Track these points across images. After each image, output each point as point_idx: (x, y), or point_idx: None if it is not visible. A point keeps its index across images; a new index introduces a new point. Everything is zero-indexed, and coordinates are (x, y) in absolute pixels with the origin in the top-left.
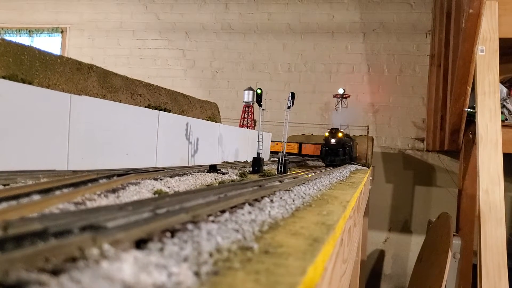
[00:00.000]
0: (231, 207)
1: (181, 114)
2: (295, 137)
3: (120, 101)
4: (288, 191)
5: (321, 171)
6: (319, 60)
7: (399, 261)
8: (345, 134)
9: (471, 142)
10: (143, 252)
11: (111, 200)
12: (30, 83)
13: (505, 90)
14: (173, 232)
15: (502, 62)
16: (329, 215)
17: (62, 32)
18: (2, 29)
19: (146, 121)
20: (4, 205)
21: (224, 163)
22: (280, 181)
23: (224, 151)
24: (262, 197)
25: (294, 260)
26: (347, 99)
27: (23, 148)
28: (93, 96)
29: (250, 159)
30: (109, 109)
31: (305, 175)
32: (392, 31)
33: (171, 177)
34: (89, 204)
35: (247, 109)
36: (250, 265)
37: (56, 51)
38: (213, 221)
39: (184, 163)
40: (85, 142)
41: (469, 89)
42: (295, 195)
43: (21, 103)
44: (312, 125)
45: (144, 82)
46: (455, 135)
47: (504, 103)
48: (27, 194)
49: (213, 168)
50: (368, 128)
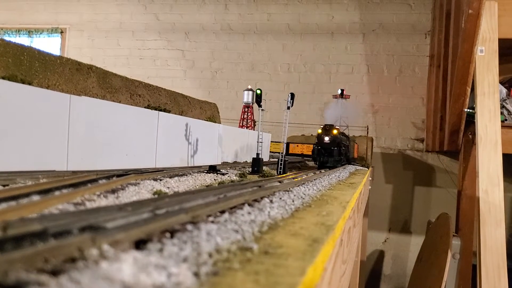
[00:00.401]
0: (231, 208)
1: (181, 115)
2: (294, 137)
3: (120, 102)
4: (288, 191)
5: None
6: (318, 61)
7: (399, 261)
8: (341, 132)
9: (471, 142)
10: (143, 253)
11: (110, 200)
12: (30, 83)
13: (504, 90)
14: (172, 233)
15: (501, 62)
16: (328, 215)
17: (61, 32)
18: (2, 29)
19: (146, 121)
20: (4, 205)
21: (224, 163)
22: (280, 182)
23: (223, 151)
24: (262, 198)
25: (293, 260)
26: (347, 99)
27: (22, 149)
28: (93, 97)
29: (250, 160)
30: (108, 110)
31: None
32: (391, 31)
33: (170, 177)
34: (89, 205)
35: (246, 109)
36: (249, 266)
37: (56, 51)
38: (212, 222)
39: (184, 164)
40: (84, 143)
41: (469, 89)
42: (294, 195)
43: (21, 103)
44: (312, 126)
45: (144, 82)
46: (454, 135)
47: (504, 103)
48: (27, 195)
49: (212, 169)
50: (367, 129)
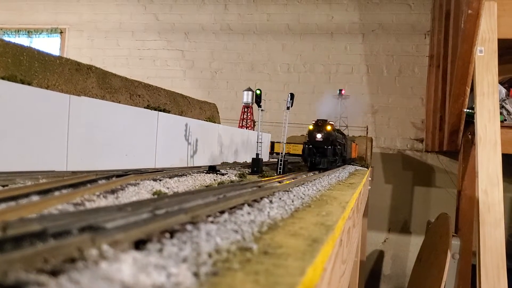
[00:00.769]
0: (230, 208)
1: (181, 115)
2: (294, 137)
3: (119, 102)
4: (287, 191)
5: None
6: (318, 61)
7: (398, 261)
8: (336, 129)
9: (470, 142)
10: (142, 253)
11: (110, 201)
12: (29, 83)
13: (504, 90)
14: (172, 233)
15: (501, 62)
16: (328, 215)
17: (61, 32)
18: (1, 29)
19: (145, 122)
20: (3, 206)
21: (223, 163)
22: (279, 182)
23: (223, 151)
24: (261, 198)
25: (293, 260)
26: (347, 99)
27: (22, 149)
28: (92, 97)
29: (249, 160)
30: (108, 110)
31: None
32: (391, 32)
33: (170, 178)
34: (88, 205)
35: (246, 109)
36: (249, 266)
37: (55, 51)
38: (212, 222)
39: (183, 164)
40: (84, 143)
41: (468, 89)
42: (294, 195)
43: (20, 104)
44: None
45: (143, 82)
46: (454, 135)
47: (503, 103)
48: (26, 195)
49: (212, 169)
50: (367, 129)
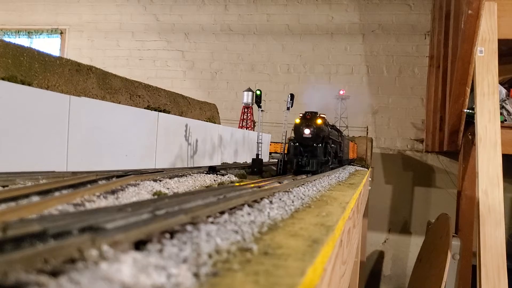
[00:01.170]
0: (230, 209)
1: (181, 115)
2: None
3: (120, 102)
4: (288, 192)
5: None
6: (318, 61)
7: (399, 262)
8: (330, 124)
9: (470, 143)
10: (142, 253)
11: (110, 201)
12: (30, 84)
13: (504, 91)
14: (172, 234)
15: (501, 63)
16: (328, 216)
17: (61, 33)
18: (1, 30)
19: (146, 122)
20: (4, 206)
21: (224, 164)
22: (280, 182)
23: (223, 152)
24: (261, 199)
25: (293, 261)
26: (347, 99)
27: (22, 149)
28: (93, 97)
29: (250, 160)
30: (108, 111)
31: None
32: (391, 32)
33: (170, 178)
34: (88, 206)
35: (246, 110)
36: (249, 266)
37: (55, 52)
38: (212, 223)
39: (184, 164)
40: (84, 143)
41: (468, 90)
42: (294, 196)
43: (20, 104)
44: None
45: (144, 83)
46: (454, 136)
47: (503, 104)
48: (26, 196)
49: (212, 169)
50: (367, 129)
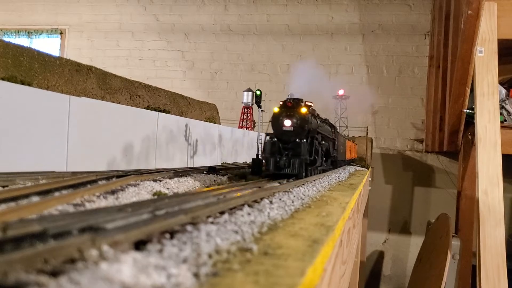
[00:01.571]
0: (230, 209)
1: (181, 115)
2: None
3: (120, 103)
4: (288, 192)
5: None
6: (318, 61)
7: (399, 262)
8: (317, 115)
9: (470, 143)
10: (142, 254)
11: (110, 201)
12: (29, 84)
13: (504, 91)
14: (172, 234)
15: (501, 63)
16: (328, 216)
17: (61, 33)
18: (1, 30)
19: (145, 122)
20: (4, 206)
21: (224, 164)
22: (280, 183)
23: (223, 152)
24: (261, 199)
25: (293, 261)
26: (347, 100)
27: (22, 149)
28: (92, 98)
29: (249, 160)
30: (108, 111)
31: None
32: (391, 32)
33: (170, 178)
34: (88, 206)
35: (246, 110)
36: (249, 267)
37: (55, 52)
38: (212, 223)
39: (183, 164)
40: (84, 143)
41: (468, 90)
42: (294, 196)
43: (20, 104)
44: None
45: (143, 83)
46: (454, 136)
47: (503, 104)
48: (26, 196)
49: (212, 169)
50: (367, 129)
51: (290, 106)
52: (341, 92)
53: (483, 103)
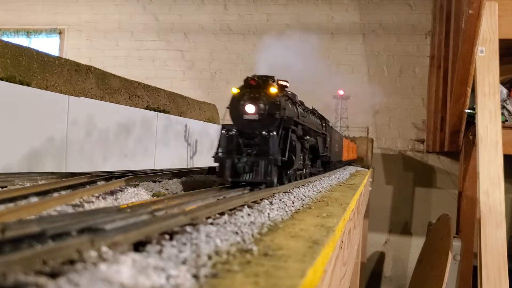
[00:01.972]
0: (230, 209)
1: (180, 116)
2: None
3: (119, 103)
4: (288, 193)
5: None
6: (318, 62)
7: (399, 263)
8: (297, 100)
9: (471, 143)
10: (142, 255)
11: (109, 202)
12: (28, 84)
13: (505, 91)
14: (171, 235)
15: (502, 63)
16: (329, 217)
17: (60, 33)
18: (0, 30)
19: (145, 122)
20: (2, 207)
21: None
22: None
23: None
24: (261, 199)
25: (293, 262)
26: (347, 100)
27: (21, 150)
28: (92, 98)
29: None
30: (107, 111)
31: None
32: (391, 32)
33: (169, 179)
34: (87, 206)
35: None
36: (249, 268)
37: (54, 52)
38: (212, 224)
39: (183, 165)
40: (83, 144)
41: (469, 90)
42: (294, 197)
43: (19, 104)
44: None
45: (143, 83)
46: (455, 136)
47: (504, 104)
48: (25, 196)
49: (212, 171)
50: (368, 130)
51: (255, 86)
52: (341, 92)
53: (484, 103)
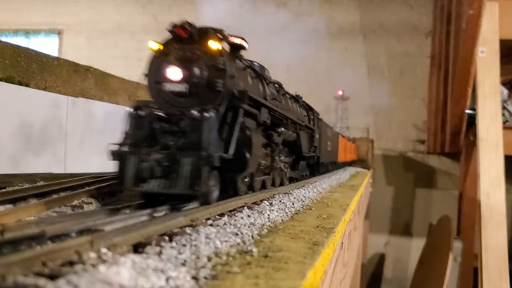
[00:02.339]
0: (230, 211)
1: None
2: None
3: (118, 103)
4: (288, 194)
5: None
6: (318, 61)
7: (400, 264)
8: (262, 74)
9: (472, 144)
10: (141, 256)
11: (109, 203)
12: (27, 85)
13: (505, 91)
14: (171, 236)
15: (502, 63)
16: (329, 218)
17: (59, 33)
18: None
19: None
20: (1, 208)
21: None
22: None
23: None
24: (261, 200)
25: (293, 264)
26: (347, 100)
27: (20, 150)
28: (91, 98)
29: None
30: (106, 111)
31: None
32: (392, 32)
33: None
34: (87, 208)
35: None
36: (249, 269)
37: (53, 52)
38: (211, 225)
39: None
40: (82, 144)
41: (470, 90)
42: (294, 198)
43: (18, 105)
44: None
45: (142, 84)
46: (455, 137)
47: (505, 104)
48: (24, 198)
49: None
50: (368, 130)
51: (186, 39)
52: (340, 92)
53: (485, 104)
